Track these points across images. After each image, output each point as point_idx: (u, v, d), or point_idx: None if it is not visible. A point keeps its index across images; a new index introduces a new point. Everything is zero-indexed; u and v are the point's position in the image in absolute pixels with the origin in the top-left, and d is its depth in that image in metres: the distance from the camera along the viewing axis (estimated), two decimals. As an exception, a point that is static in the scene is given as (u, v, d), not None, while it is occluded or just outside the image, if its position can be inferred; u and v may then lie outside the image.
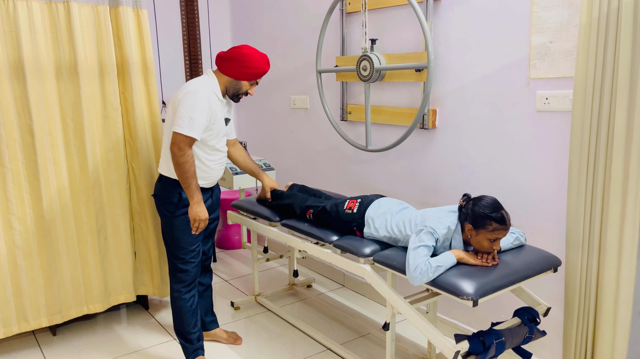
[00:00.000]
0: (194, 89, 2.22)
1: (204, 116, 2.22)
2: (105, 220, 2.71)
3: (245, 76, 2.32)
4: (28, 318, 2.57)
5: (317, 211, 2.44)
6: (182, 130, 2.19)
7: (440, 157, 2.67)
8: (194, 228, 2.32)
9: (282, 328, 2.87)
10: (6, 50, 2.38)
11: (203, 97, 2.22)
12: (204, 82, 2.28)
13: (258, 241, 4.13)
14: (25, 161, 2.47)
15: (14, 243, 2.50)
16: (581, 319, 2.06)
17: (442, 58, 2.57)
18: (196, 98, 2.20)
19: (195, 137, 2.21)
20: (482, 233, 1.88)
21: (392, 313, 2.05)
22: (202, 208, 2.29)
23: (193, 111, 2.19)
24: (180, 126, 2.19)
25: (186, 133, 2.18)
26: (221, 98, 2.35)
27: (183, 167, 2.21)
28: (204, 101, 2.21)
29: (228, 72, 2.32)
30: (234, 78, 2.33)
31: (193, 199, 2.27)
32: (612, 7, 1.80)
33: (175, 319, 2.47)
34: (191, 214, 2.29)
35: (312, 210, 2.47)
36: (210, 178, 2.42)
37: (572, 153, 1.98)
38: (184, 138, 2.19)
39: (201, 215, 2.29)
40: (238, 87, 2.35)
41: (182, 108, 2.20)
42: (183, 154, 2.20)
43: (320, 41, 3.02)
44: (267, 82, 3.87)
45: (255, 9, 3.88)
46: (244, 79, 2.33)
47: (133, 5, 2.67)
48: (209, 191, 2.48)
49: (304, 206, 2.54)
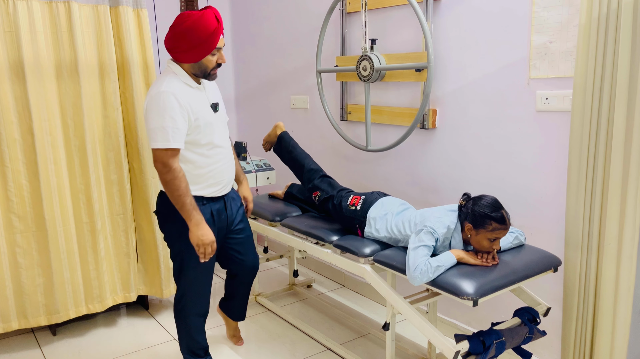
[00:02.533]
0: (155, 92, 1.91)
1: (176, 119, 1.89)
2: (105, 220, 2.71)
3: (200, 54, 1.94)
4: (27, 316, 2.58)
5: (324, 197, 2.45)
6: (157, 145, 1.88)
7: (440, 156, 2.67)
8: (201, 255, 1.99)
9: (282, 328, 2.87)
10: (6, 50, 2.38)
11: (167, 96, 1.89)
12: (165, 79, 1.96)
13: (258, 241, 4.13)
14: (25, 160, 2.48)
15: (14, 241, 2.51)
16: (580, 319, 2.06)
17: (442, 58, 2.57)
18: (159, 102, 1.88)
19: (176, 146, 1.90)
20: (481, 233, 1.88)
21: (392, 313, 2.06)
22: (205, 229, 1.97)
23: (162, 118, 1.87)
24: (155, 140, 1.88)
25: (163, 147, 1.88)
26: (195, 86, 2.02)
27: (171, 184, 1.91)
28: (169, 101, 1.88)
29: (183, 59, 1.97)
30: (191, 62, 1.97)
31: (191, 221, 1.94)
32: (611, 7, 1.80)
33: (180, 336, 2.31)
34: (193, 239, 1.96)
35: (320, 193, 2.46)
36: (220, 182, 2.10)
37: (572, 153, 1.98)
38: (163, 152, 1.88)
39: (204, 239, 1.96)
40: (203, 67, 1.99)
41: (150, 120, 1.89)
42: (169, 170, 1.89)
43: (320, 41, 3.02)
44: (267, 82, 3.87)
45: (255, 9, 3.88)
46: (202, 57, 1.95)
47: (133, 5, 2.67)
48: (221, 200, 2.15)
49: (314, 185, 2.53)
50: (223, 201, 2.17)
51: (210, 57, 1.98)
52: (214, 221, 2.13)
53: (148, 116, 1.90)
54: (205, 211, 2.07)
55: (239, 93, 4.25)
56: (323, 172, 2.62)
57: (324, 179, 2.57)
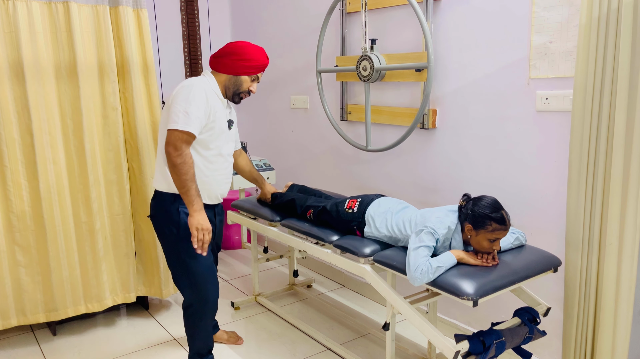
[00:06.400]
0: (188, 83, 2.02)
1: (200, 109, 1.99)
2: (104, 220, 2.71)
3: (244, 69, 2.12)
4: (26, 313, 2.60)
5: (317, 211, 2.44)
6: (176, 126, 1.95)
7: (440, 156, 2.67)
8: (198, 241, 2.02)
9: (282, 328, 2.87)
10: (6, 50, 2.38)
11: (199, 89, 2.01)
12: (200, 79, 2.11)
13: (258, 241, 4.12)
14: (24, 160, 2.48)
15: (13, 240, 2.51)
16: (581, 320, 2.06)
17: (442, 58, 2.57)
18: (191, 91, 1.99)
19: (193, 131, 1.97)
20: (481, 233, 1.88)
21: (392, 313, 2.05)
22: (204, 216, 2.02)
23: (188, 104, 1.96)
24: (175, 122, 1.95)
25: (182, 128, 1.95)
26: (221, 98, 2.15)
27: (180, 168, 1.96)
28: (200, 94, 2.00)
29: (224, 69, 2.12)
30: (232, 74, 2.12)
31: (193, 206, 1.99)
32: (612, 7, 1.80)
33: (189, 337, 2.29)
34: (192, 223, 2.00)
35: (313, 209, 2.47)
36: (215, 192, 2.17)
37: (572, 153, 1.98)
38: (180, 134, 1.95)
39: (204, 224, 2.00)
40: (238, 83, 2.15)
41: (176, 103, 1.98)
42: (180, 154, 1.95)
43: (320, 41, 3.02)
44: (267, 82, 3.87)
45: (255, 9, 3.88)
46: (243, 73, 2.13)
47: (133, 5, 2.67)
48: (211, 209, 2.22)
49: (305, 206, 2.53)
50: (213, 211, 2.27)
51: (248, 79, 2.16)
52: None
53: (175, 99, 1.99)
54: None
55: (239, 93, 4.25)
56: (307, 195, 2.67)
57: (309, 197, 2.60)
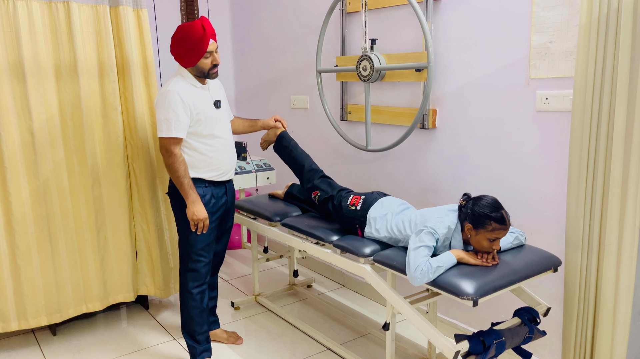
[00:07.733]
0: (163, 91, 2.25)
1: (179, 112, 2.22)
2: (105, 220, 2.71)
3: (193, 58, 2.25)
4: (27, 317, 2.58)
5: (323, 197, 2.46)
6: (161, 134, 2.24)
7: (440, 156, 2.67)
8: (198, 228, 2.31)
9: (282, 328, 2.87)
10: (6, 50, 2.38)
11: (172, 94, 2.22)
12: (173, 80, 2.29)
13: (258, 241, 4.13)
14: (24, 161, 2.47)
15: (13, 242, 2.50)
16: (581, 319, 2.07)
17: (442, 58, 2.57)
18: (166, 99, 2.22)
19: (176, 135, 2.23)
20: (481, 233, 1.88)
21: (392, 313, 2.06)
22: (199, 207, 2.28)
23: (166, 112, 2.22)
24: (160, 130, 2.25)
25: (166, 135, 2.23)
26: (200, 85, 2.33)
27: (172, 166, 2.25)
28: (174, 98, 2.21)
29: (184, 63, 2.29)
30: (190, 65, 2.28)
31: (188, 198, 2.27)
32: (612, 7, 1.80)
33: (183, 318, 2.46)
34: (188, 214, 2.28)
35: (319, 193, 2.48)
36: (219, 168, 2.38)
37: (572, 153, 1.98)
38: (166, 140, 2.24)
39: (198, 214, 2.28)
40: (200, 69, 2.29)
41: (157, 113, 2.26)
42: (170, 155, 2.25)
43: (320, 41, 3.02)
44: (267, 82, 3.87)
45: (255, 9, 3.88)
46: (197, 60, 2.25)
47: (133, 5, 2.67)
48: (223, 186, 2.45)
49: (313, 184, 2.54)
50: (225, 187, 2.47)
51: (204, 60, 2.28)
52: (214, 203, 2.40)
53: (156, 108, 2.27)
54: (206, 192, 2.36)
55: (239, 93, 4.25)
56: (323, 173, 2.62)
57: (324, 179, 2.58)
